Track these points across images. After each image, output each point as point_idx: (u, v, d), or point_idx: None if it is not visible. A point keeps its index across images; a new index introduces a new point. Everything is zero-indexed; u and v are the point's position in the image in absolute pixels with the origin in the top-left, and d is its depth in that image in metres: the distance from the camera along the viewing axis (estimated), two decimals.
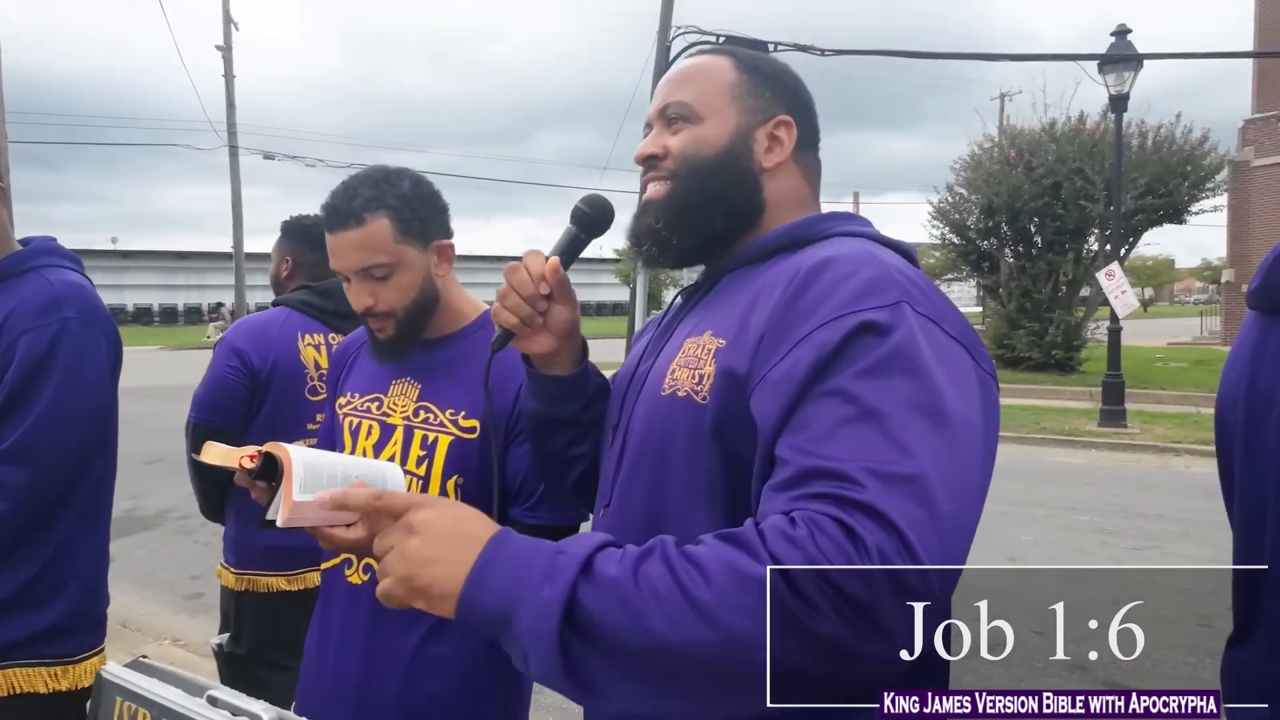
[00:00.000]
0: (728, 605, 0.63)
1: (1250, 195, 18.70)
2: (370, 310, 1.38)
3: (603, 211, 1.04)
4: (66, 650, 1.51)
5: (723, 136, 0.96)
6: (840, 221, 0.95)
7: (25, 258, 1.55)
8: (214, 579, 4.82)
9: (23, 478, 1.43)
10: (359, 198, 1.35)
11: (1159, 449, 9.05)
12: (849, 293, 0.77)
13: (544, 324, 1.02)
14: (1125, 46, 10.11)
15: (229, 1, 21.73)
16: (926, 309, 0.78)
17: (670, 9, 12.80)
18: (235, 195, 21.85)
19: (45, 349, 1.45)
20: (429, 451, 1.38)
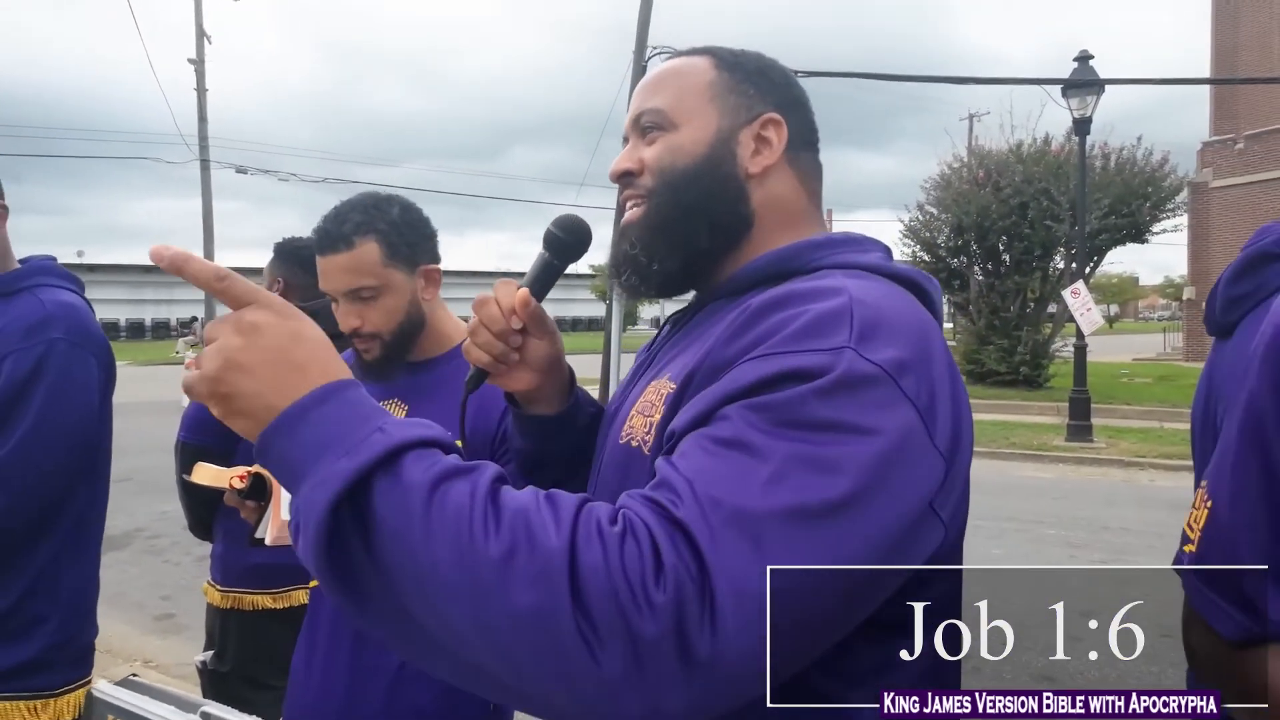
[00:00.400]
0: (502, 567, 0.54)
1: (1209, 215, 19.25)
2: (357, 331, 1.42)
3: (577, 234, 0.95)
4: (47, 684, 1.46)
5: (701, 142, 0.86)
6: (835, 249, 0.82)
7: (20, 276, 1.53)
8: (185, 599, 4.80)
9: (4, 501, 1.38)
10: (349, 222, 1.38)
11: (1125, 463, 9.25)
12: (788, 333, 0.67)
13: (520, 359, 0.94)
14: (1087, 72, 10.42)
15: (202, 15, 21.60)
16: (881, 359, 0.65)
17: (646, 28, 12.95)
18: (206, 209, 21.60)
19: (30, 370, 1.42)
20: None
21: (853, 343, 0.65)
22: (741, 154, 0.86)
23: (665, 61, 0.94)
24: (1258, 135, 17.74)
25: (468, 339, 0.92)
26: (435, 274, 1.48)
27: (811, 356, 0.64)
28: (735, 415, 0.63)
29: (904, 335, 0.68)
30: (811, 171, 0.91)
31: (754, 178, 0.86)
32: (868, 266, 0.80)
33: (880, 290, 0.74)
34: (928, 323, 0.73)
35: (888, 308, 0.70)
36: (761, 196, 0.87)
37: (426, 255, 1.46)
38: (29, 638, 1.44)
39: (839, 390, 0.62)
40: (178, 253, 0.67)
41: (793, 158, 0.89)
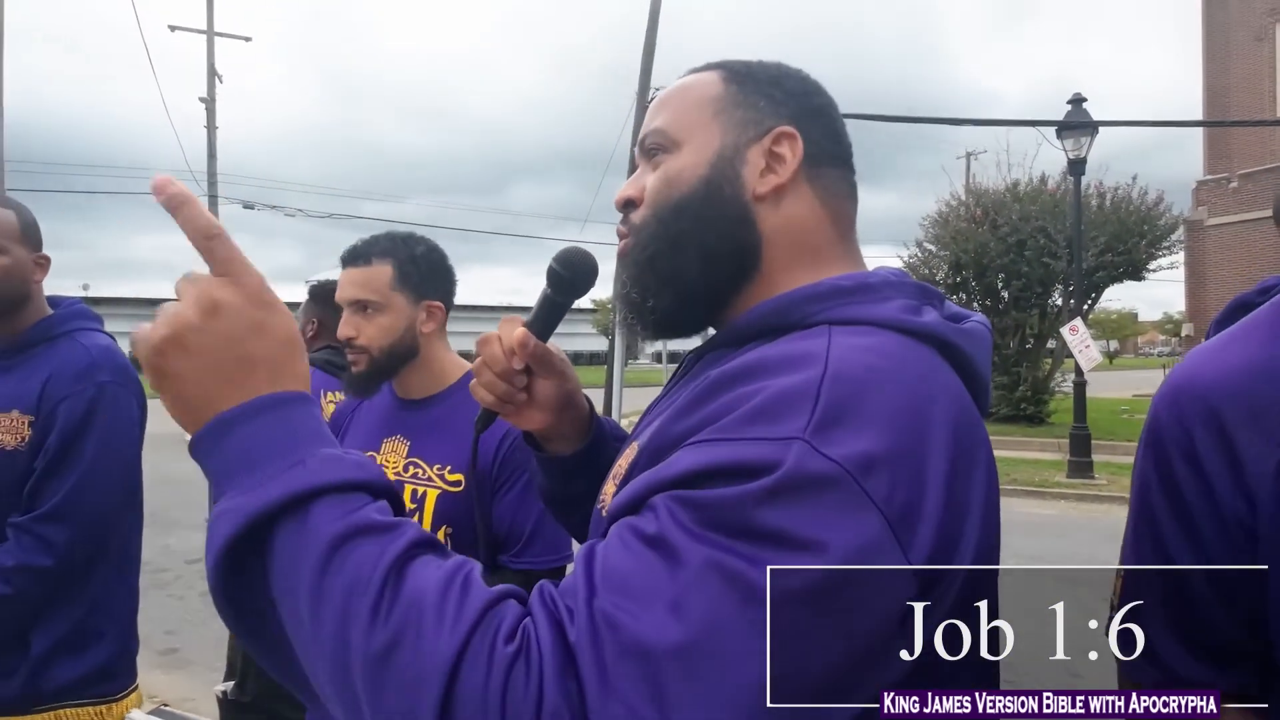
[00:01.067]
0: (378, 662, 0.50)
1: (1205, 253, 19.41)
2: (350, 341, 1.52)
3: (581, 270, 0.88)
4: (110, 690, 1.63)
5: (700, 164, 0.76)
6: (842, 299, 0.70)
7: (59, 322, 1.66)
8: (190, 634, 4.80)
9: (65, 535, 1.53)
10: (377, 245, 1.54)
11: (1125, 500, 9.17)
12: (738, 415, 0.58)
13: (529, 399, 0.90)
14: (1081, 114, 10.62)
15: (214, 55, 22.04)
16: (842, 454, 0.54)
17: (650, 66, 13.21)
18: None
19: (84, 413, 1.56)
20: (419, 504, 1.47)
21: (808, 433, 0.55)
22: (747, 174, 0.76)
23: (676, 79, 0.85)
24: (1251, 174, 17.98)
25: (475, 377, 0.90)
26: (438, 311, 1.57)
27: (756, 447, 0.55)
28: (661, 506, 0.55)
29: (884, 420, 0.57)
30: (838, 190, 0.79)
31: (763, 200, 0.75)
32: (881, 322, 0.67)
33: (879, 357, 0.62)
34: (932, 401, 0.61)
35: (874, 384, 0.59)
36: (774, 221, 0.75)
37: (435, 292, 1.57)
38: (93, 650, 1.61)
39: (781, 493, 0.53)
40: (180, 191, 0.60)
41: (813, 175, 0.77)
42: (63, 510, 1.53)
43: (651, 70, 13.21)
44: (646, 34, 13.22)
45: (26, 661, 1.55)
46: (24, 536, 1.52)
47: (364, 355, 1.52)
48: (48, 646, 1.56)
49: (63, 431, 1.54)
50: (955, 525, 0.58)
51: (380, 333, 1.51)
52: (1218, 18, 20.06)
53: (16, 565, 1.50)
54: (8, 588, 1.50)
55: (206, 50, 21.96)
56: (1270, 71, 19.17)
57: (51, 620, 1.56)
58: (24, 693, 1.55)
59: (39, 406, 1.56)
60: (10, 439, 1.55)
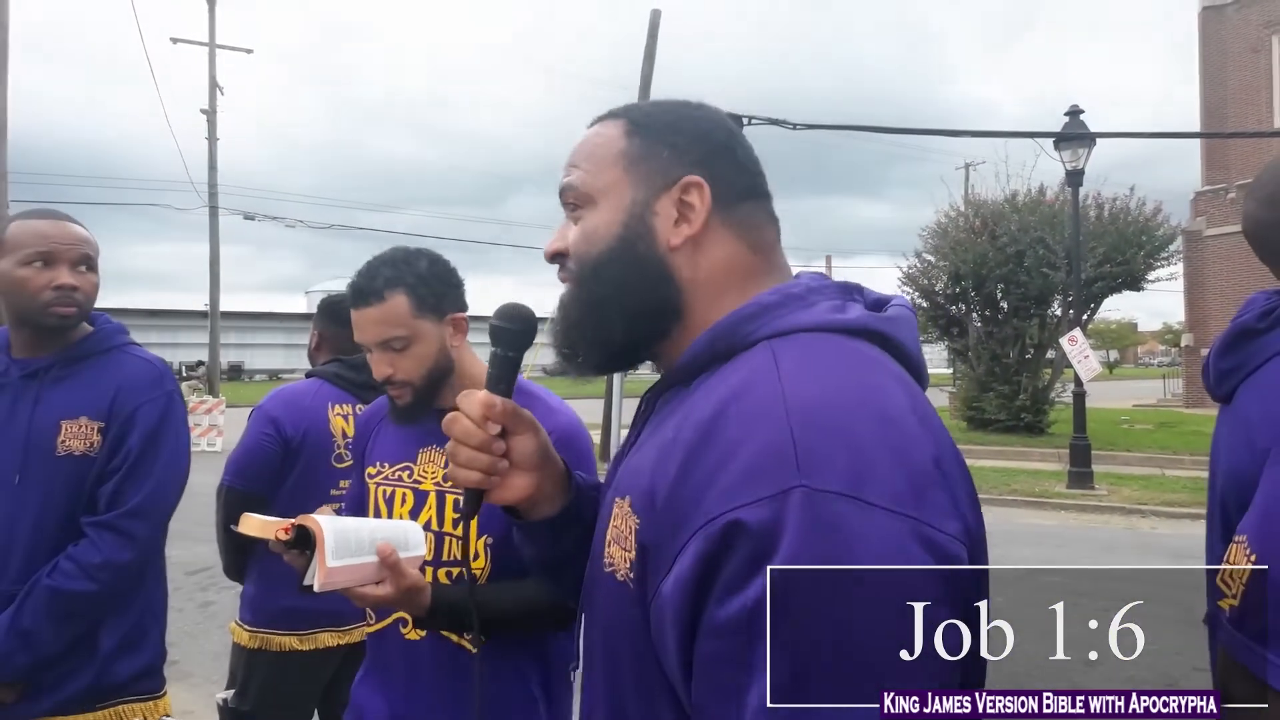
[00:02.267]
0: None
1: (1204, 263, 19.46)
2: (389, 379, 1.49)
3: (519, 320, 0.92)
4: (155, 687, 1.72)
5: (614, 223, 0.79)
6: (768, 315, 0.74)
7: (107, 337, 1.75)
8: (188, 645, 4.79)
9: (145, 531, 1.64)
10: (380, 277, 1.47)
11: (1126, 510, 9.23)
12: (730, 477, 0.61)
13: (510, 464, 0.88)
14: (1078, 126, 10.67)
15: (215, 67, 22.16)
16: (838, 477, 0.59)
17: (649, 79, 13.28)
18: (214, 255, 21.88)
19: (160, 418, 1.68)
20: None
21: (800, 478, 0.59)
22: (660, 227, 0.78)
23: (585, 129, 0.87)
24: (1249, 185, 18.04)
25: (450, 464, 0.87)
26: (462, 322, 1.56)
27: (752, 510, 0.59)
28: (714, 651, 0.61)
29: (872, 422, 0.63)
30: (755, 221, 0.81)
31: (677, 250, 0.78)
32: (813, 326, 0.72)
33: (821, 374, 0.67)
34: (877, 393, 0.66)
35: (836, 401, 0.64)
36: (693, 268, 0.78)
37: (453, 304, 1.54)
38: (143, 648, 1.70)
39: (784, 587, 0.57)
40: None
41: (726, 215, 0.79)
42: (144, 508, 1.62)
43: (651, 83, 13.29)
44: (646, 47, 13.31)
45: (95, 658, 1.61)
46: (106, 533, 1.59)
47: (406, 389, 1.49)
48: (115, 643, 1.64)
49: (143, 434, 1.65)
50: (936, 501, 0.62)
51: (416, 364, 1.48)
52: (1214, 30, 20.18)
53: (103, 561, 1.57)
54: (94, 584, 1.56)
55: (208, 62, 22.09)
56: (1267, 82, 19.27)
57: (119, 617, 1.65)
58: (90, 689, 1.61)
59: (111, 413, 1.64)
60: (80, 445, 1.62)
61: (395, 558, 1.25)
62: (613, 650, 0.75)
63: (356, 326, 1.50)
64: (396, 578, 1.26)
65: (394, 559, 1.25)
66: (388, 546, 1.25)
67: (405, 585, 1.27)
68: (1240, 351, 1.35)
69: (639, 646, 0.71)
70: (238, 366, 49.10)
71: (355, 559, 1.22)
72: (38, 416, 1.62)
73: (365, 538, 1.25)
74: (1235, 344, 1.37)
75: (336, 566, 1.18)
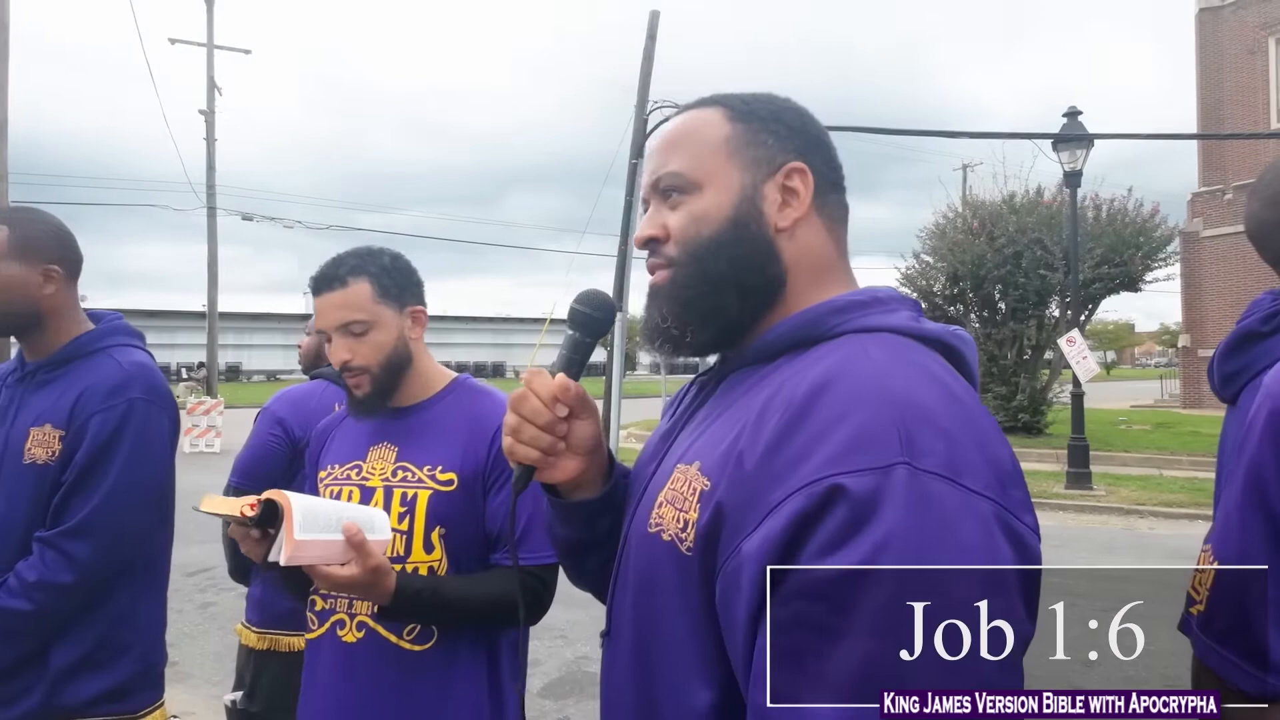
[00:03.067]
0: None
1: (1201, 264, 19.50)
2: (347, 365, 1.50)
3: (603, 308, 0.95)
4: (131, 707, 1.60)
5: (725, 205, 0.82)
6: (858, 312, 0.79)
7: (97, 338, 1.66)
8: (188, 646, 4.78)
9: (88, 551, 1.51)
10: (344, 265, 1.51)
11: (1124, 511, 9.24)
12: (834, 447, 0.64)
13: (566, 446, 0.90)
14: (1076, 127, 10.69)
15: (214, 68, 22.14)
16: (938, 461, 0.63)
17: (648, 79, 13.29)
18: (212, 255, 21.85)
19: (113, 430, 1.55)
20: (409, 507, 1.46)
21: (904, 455, 0.62)
22: (768, 210, 0.83)
23: (676, 116, 0.90)
24: (1246, 186, 18.07)
25: (509, 439, 0.88)
26: (421, 315, 1.58)
27: (857, 478, 0.62)
28: (803, 615, 0.61)
29: (961, 417, 0.67)
30: (838, 216, 0.87)
31: (783, 232, 0.83)
32: (895, 329, 0.77)
33: (914, 368, 0.71)
34: (959, 396, 0.70)
35: (933, 393, 0.68)
36: (792, 251, 0.83)
37: (413, 298, 1.57)
38: (116, 666, 1.58)
39: (891, 544, 0.60)
40: None
41: (820, 205, 0.85)
42: (88, 526, 1.51)
43: (650, 82, 13.29)
44: (645, 49, 13.31)
45: (45, 677, 1.53)
46: (48, 552, 1.51)
47: (365, 375, 1.50)
48: (68, 662, 1.54)
49: (91, 447, 1.53)
50: (1019, 498, 0.66)
51: (375, 350, 1.49)
52: (1211, 31, 20.22)
53: (39, 581, 1.49)
54: (29, 604, 1.48)
55: (206, 63, 22.07)
56: (1264, 84, 19.31)
57: (73, 636, 1.55)
58: (42, 709, 1.52)
59: (70, 421, 1.55)
60: (42, 453, 1.55)
61: (361, 537, 1.25)
62: (652, 613, 0.76)
63: (318, 313, 1.52)
64: (363, 558, 1.26)
65: (360, 538, 1.25)
66: (353, 525, 1.25)
67: (371, 565, 1.26)
68: (1245, 354, 1.35)
69: (676, 610, 0.73)
70: (236, 367, 49.01)
71: (322, 535, 1.21)
72: (18, 422, 1.58)
73: (332, 516, 1.25)
74: (1239, 347, 1.37)
75: (304, 540, 1.18)
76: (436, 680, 1.42)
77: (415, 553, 1.45)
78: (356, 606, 1.45)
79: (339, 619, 1.46)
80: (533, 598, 1.45)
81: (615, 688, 0.83)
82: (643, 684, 0.77)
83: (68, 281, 1.65)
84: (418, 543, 1.45)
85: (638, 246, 0.88)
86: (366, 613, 1.43)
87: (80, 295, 1.71)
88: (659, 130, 0.92)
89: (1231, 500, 0.88)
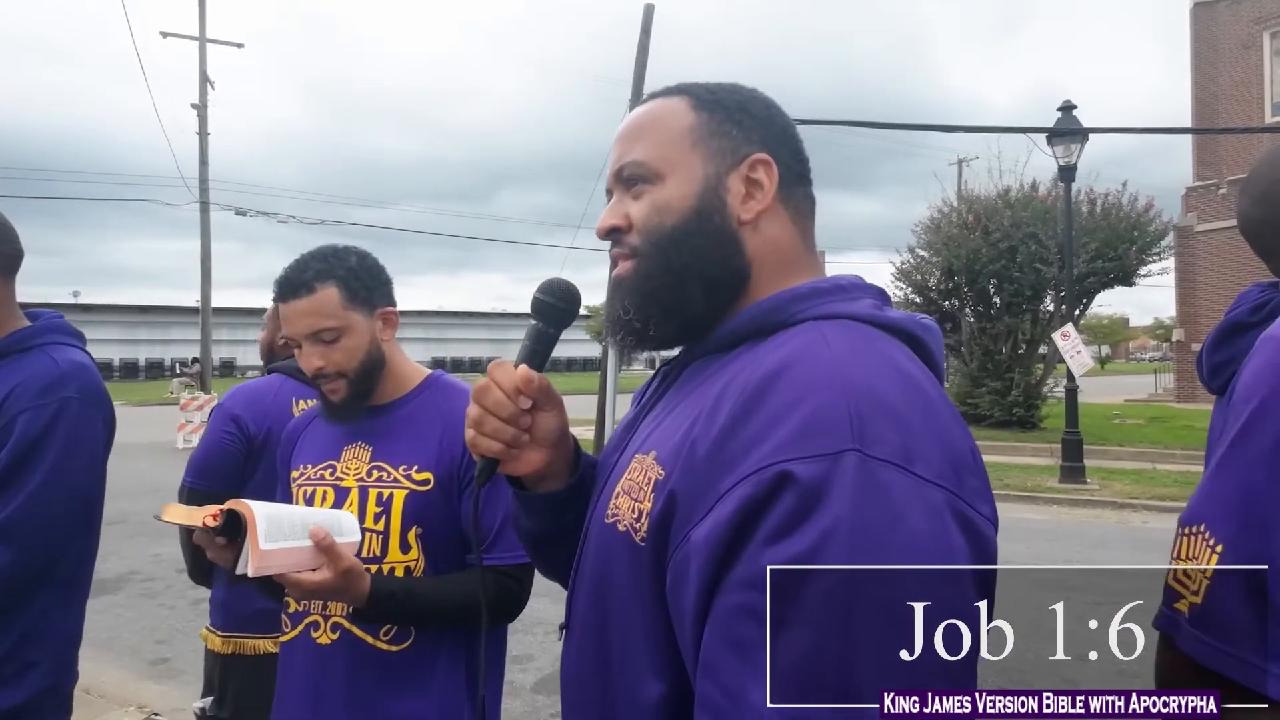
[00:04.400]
0: None
1: (1195, 258, 19.54)
2: (321, 372, 1.46)
3: (567, 298, 0.92)
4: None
5: (688, 195, 0.81)
6: (819, 299, 0.77)
7: (33, 334, 1.56)
8: (180, 643, 4.77)
9: (8, 555, 1.40)
10: (310, 269, 1.47)
11: (1118, 505, 9.27)
12: (784, 433, 0.63)
13: (530, 438, 0.88)
14: (1071, 121, 10.69)
15: (206, 61, 22.00)
16: (890, 449, 0.61)
17: (643, 74, 13.25)
18: (205, 251, 21.74)
19: (42, 428, 1.45)
20: (385, 507, 1.44)
21: (855, 442, 0.61)
22: (732, 201, 0.81)
23: (640, 105, 0.88)
24: (1240, 181, 18.09)
25: (471, 431, 0.86)
26: (392, 316, 1.55)
27: (806, 465, 0.60)
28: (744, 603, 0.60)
29: (915, 404, 0.65)
30: (804, 208, 0.85)
31: (747, 224, 0.81)
32: (856, 316, 0.75)
33: (872, 355, 0.70)
34: (918, 383, 0.68)
35: (889, 381, 0.66)
36: (756, 243, 0.81)
37: (383, 299, 1.53)
38: (22, 682, 1.45)
39: (838, 535, 0.59)
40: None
41: (785, 197, 0.83)
42: (7, 530, 1.40)
43: (645, 76, 13.25)
44: (639, 42, 13.26)
45: None
46: None
47: (340, 381, 1.47)
48: None
49: (16, 446, 1.43)
50: (975, 486, 0.65)
51: (348, 355, 1.46)
52: (1206, 26, 20.23)
53: None
54: None
55: (199, 56, 21.93)
56: (1258, 79, 19.34)
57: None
58: None
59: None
60: None
61: (330, 540, 1.23)
62: (605, 607, 0.76)
63: (286, 320, 1.48)
64: (334, 561, 1.24)
65: (328, 541, 1.23)
66: (321, 530, 1.23)
67: (343, 568, 1.24)
68: (1232, 345, 1.35)
69: (629, 601, 0.72)
70: (230, 363, 48.83)
71: (288, 542, 1.19)
72: None
73: (298, 522, 1.22)
74: (1227, 338, 1.37)
75: (270, 549, 1.15)
76: (414, 681, 1.40)
77: (392, 553, 1.43)
78: (331, 608, 1.42)
79: (313, 620, 1.44)
80: (508, 597, 1.43)
81: (573, 680, 0.82)
82: (599, 676, 0.76)
83: (3, 277, 1.56)
84: (394, 543, 1.43)
85: (599, 237, 0.86)
86: (341, 614, 1.41)
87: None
88: (624, 118, 0.88)
89: (1241, 472, 0.79)
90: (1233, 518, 0.80)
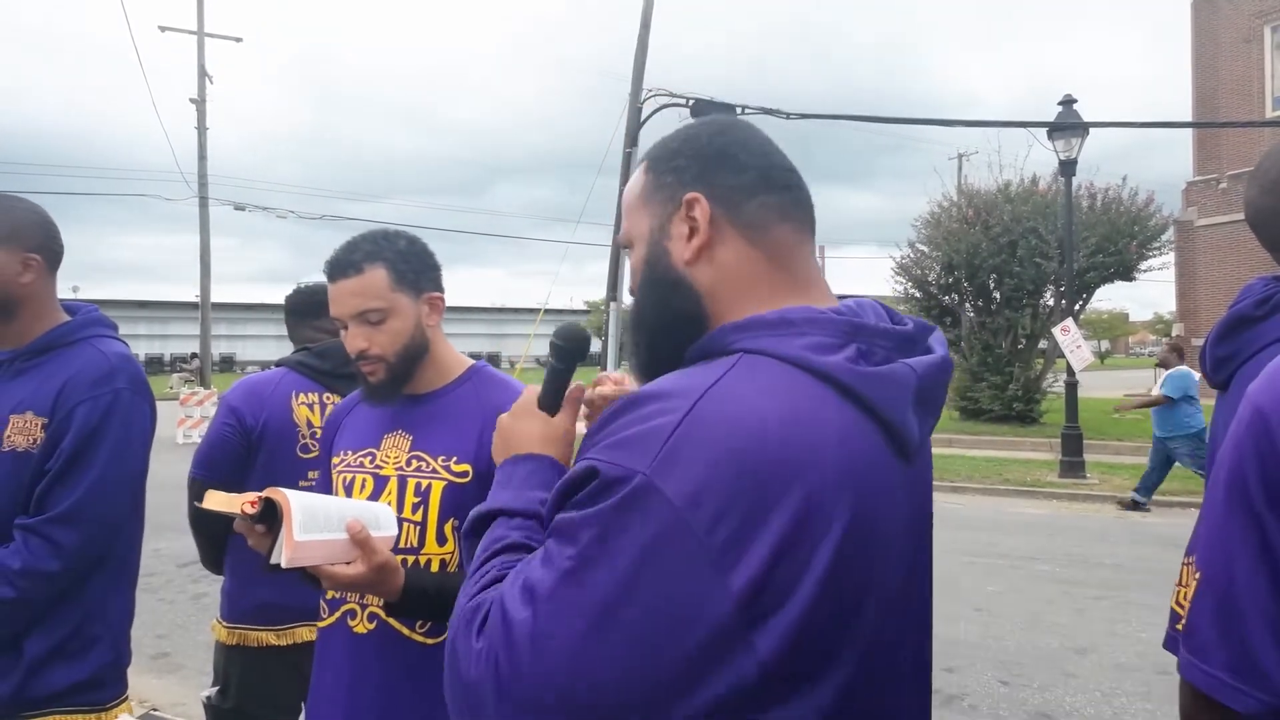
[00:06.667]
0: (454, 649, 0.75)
1: (1195, 253, 19.53)
2: (364, 353, 1.46)
3: (578, 340, 1.07)
4: (102, 698, 1.61)
5: (641, 253, 0.87)
6: (753, 332, 0.77)
7: (76, 328, 1.66)
8: (180, 638, 4.79)
9: (75, 539, 1.52)
10: (359, 250, 1.47)
11: (1116, 500, 9.28)
12: (611, 439, 0.71)
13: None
14: (1072, 115, 10.67)
15: (204, 56, 21.94)
16: (678, 489, 0.65)
17: (642, 70, 13.22)
18: (204, 245, 21.73)
19: (101, 418, 1.57)
20: (423, 498, 1.44)
21: (652, 472, 0.66)
22: (674, 247, 0.84)
23: None
24: (1240, 175, 18.07)
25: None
26: (439, 302, 1.54)
27: (610, 468, 0.69)
28: (559, 532, 0.72)
29: (717, 466, 0.66)
30: (761, 221, 0.83)
31: (694, 263, 0.83)
32: (784, 357, 0.74)
33: (751, 397, 0.70)
34: (785, 460, 0.67)
35: (723, 433, 0.68)
36: (708, 277, 0.83)
37: (430, 284, 1.53)
38: (87, 658, 1.59)
39: (611, 521, 0.67)
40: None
41: (733, 219, 0.83)
42: (74, 514, 1.52)
43: (644, 71, 13.22)
44: (639, 38, 13.23)
45: (19, 665, 1.52)
46: (32, 539, 1.50)
47: (380, 364, 1.47)
48: (43, 651, 1.53)
49: (78, 435, 1.54)
50: (786, 578, 0.65)
51: (392, 338, 1.46)
52: (1206, 20, 20.17)
53: (23, 568, 1.48)
54: (12, 591, 1.47)
55: (197, 51, 21.87)
56: (1259, 73, 19.29)
57: (49, 625, 1.54)
58: (15, 697, 1.52)
59: (54, 410, 1.55)
60: (23, 440, 1.54)
61: (365, 534, 1.23)
62: None
63: (333, 301, 1.48)
64: (368, 555, 1.24)
65: (364, 535, 1.22)
66: (357, 523, 1.23)
67: (377, 563, 1.24)
68: (1236, 339, 1.35)
69: None
70: (230, 358, 48.87)
71: (324, 534, 1.19)
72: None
73: (334, 514, 1.22)
74: (1231, 331, 1.36)
75: (305, 541, 1.15)
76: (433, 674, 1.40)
77: (429, 545, 1.42)
78: (368, 597, 1.42)
79: (350, 609, 1.44)
80: None
81: None
82: None
83: (47, 272, 1.65)
84: (431, 534, 1.42)
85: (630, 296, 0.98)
86: (378, 604, 1.41)
87: (73, 286, 1.72)
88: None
89: (1215, 508, 0.84)
90: (1211, 547, 0.84)
